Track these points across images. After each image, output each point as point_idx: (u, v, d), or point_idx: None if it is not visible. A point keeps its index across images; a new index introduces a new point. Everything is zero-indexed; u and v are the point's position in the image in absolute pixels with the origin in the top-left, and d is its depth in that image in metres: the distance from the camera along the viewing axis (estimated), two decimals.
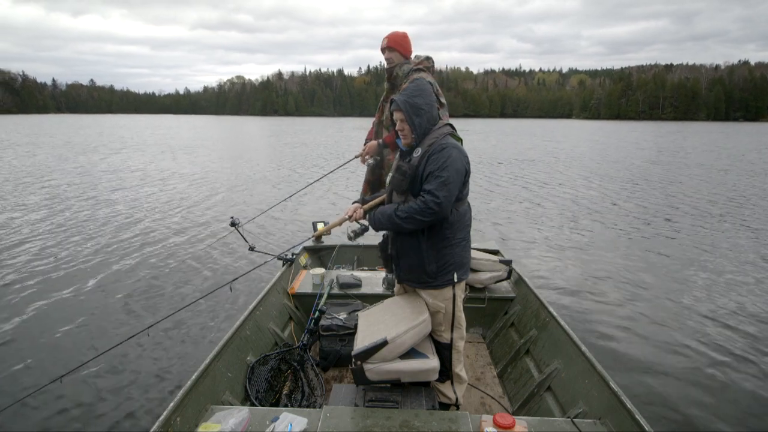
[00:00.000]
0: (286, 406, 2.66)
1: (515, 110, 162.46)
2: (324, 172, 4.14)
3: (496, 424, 1.93)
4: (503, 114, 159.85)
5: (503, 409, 2.75)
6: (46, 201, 10.38)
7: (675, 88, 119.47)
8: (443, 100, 3.14)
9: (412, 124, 2.17)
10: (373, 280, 3.85)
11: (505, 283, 3.75)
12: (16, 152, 21.80)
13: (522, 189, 12.37)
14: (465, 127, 57.80)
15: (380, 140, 3.41)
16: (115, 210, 9.54)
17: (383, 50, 3.33)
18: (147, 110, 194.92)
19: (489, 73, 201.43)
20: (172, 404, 2.00)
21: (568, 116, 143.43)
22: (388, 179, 2.36)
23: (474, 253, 3.48)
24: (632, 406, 1.98)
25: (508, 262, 3.72)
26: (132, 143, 28.72)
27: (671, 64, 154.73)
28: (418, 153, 2.18)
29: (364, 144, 3.61)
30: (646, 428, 1.87)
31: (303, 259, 4.33)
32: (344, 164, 4.26)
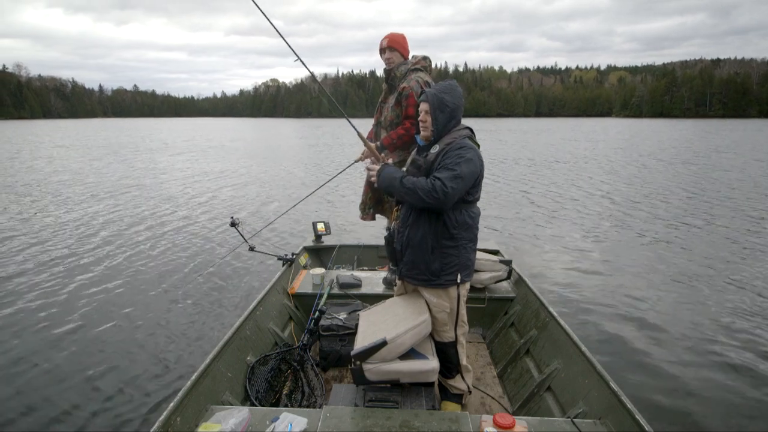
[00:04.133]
0: (286, 406, 2.66)
1: (551, 109, 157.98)
2: (338, 171, 4.23)
3: (496, 424, 1.93)
4: (538, 113, 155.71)
5: (503, 409, 2.75)
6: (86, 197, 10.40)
7: (724, 84, 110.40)
8: None
9: (435, 118, 2.20)
10: (373, 280, 3.85)
11: (505, 283, 3.75)
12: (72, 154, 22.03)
13: (523, 189, 12.37)
14: (486, 126, 57.50)
15: (378, 142, 3.41)
16: (120, 207, 9.56)
17: (383, 51, 3.33)
18: (186, 113, 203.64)
19: (523, 72, 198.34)
20: (172, 404, 2.00)
21: (608, 114, 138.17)
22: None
23: None
24: (632, 406, 1.98)
25: (508, 262, 3.72)
26: (179, 145, 29.91)
27: (718, 59, 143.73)
28: (435, 150, 2.20)
29: None
30: (646, 428, 1.87)
31: (303, 259, 4.33)
32: (345, 169, 4.26)
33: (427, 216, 2.23)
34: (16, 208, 9.64)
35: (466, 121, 2.33)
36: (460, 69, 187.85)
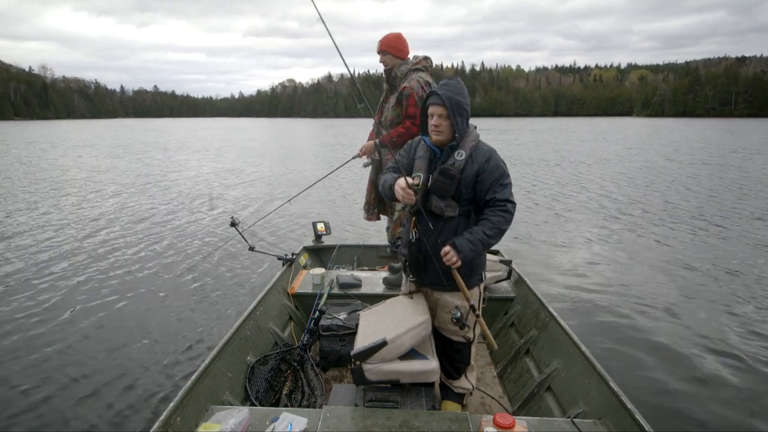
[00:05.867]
0: (286, 406, 2.66)
1: (570, 108, 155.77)
2: (334, 168, 4.32)
3: (496, 424, 1.93)
4: (557, 113, 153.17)
5: (503, 409, 2.74)
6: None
7: (750, 82, 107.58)
8: None
9: (456, 123, 2.10)
10: (373, 280, 3.85)
11: (505, 283, 3.75)
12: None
13: (524, 189, 12.36)
14: (498, 126, 56.93)
15: (376, 140, 3.42)
16: (117, 207, 9.57)
17: (378, 53, 3.37)
18: (205, 114, 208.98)
19: (541, 71, 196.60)
20: (172, 404, 2.00)
21: (629, 114, 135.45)
22: (419, 179, 2.19)
23: None
24: (632, 406, 1.98)
25: (508, 262, 3.73)
26: (194, 145, 30.55)
27: (744, 57, 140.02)
28: (461, 156, 2.11)
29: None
30: (646, 428, 1.87)
31: (303, 259, 4.33)
32: (342, 165, 4.28)
33: (456, 224, 2.17)
34: (24, 206, 9.65)
35: (482, 121, 2.30)
36: (477, 68, 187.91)
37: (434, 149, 2.21)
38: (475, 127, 2.25)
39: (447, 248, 2.09)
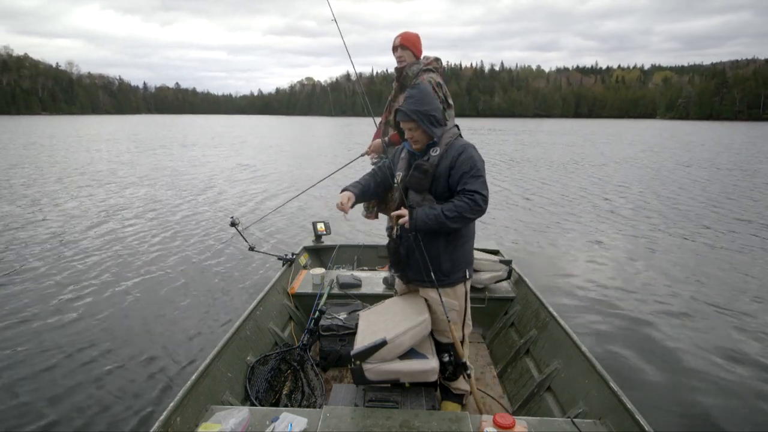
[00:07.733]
0: (286, 406, 2.66)
1: (591, 110, 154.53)
2: (339, 167, 4.31)
3: (496, 424, 1.93)
4: (577, 114, 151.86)
5: (503, 409, 2.75)
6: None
7: None
8: (451, 101, 3.18)
9: (429, 129, 2.20)
10: (373, 280, 3.85)
11: (505, 283, 3.75)
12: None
13: (523, 189, 12.37)
14: (507, 126, 56.31)
15: (385, 138, 3.41)
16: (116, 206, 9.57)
17: (395, 48, 3.33)
18: (224, 111, 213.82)
19: (562, 71, 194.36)
20: (172, 404, 2.00)
21: (651, 116, 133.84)
22: (398, 177, 2.36)
23: (474, 253, 3.48)
24: (632, 406, 1.98)
25: (508, 262, 3.73)
26: (210, 141, 31.03)
27: None
28: (437, 152, 2.22)
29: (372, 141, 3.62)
30: (646, 428, 1.87)
31: (303, 259, 4.33)
32: (348, 163, 4.26)
33: None
34: (29, 202, 9.65)
35: (500, 121, 2.33)
36: (496, 68, 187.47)
37: (417, 154, 2.33)
38: (456, 126, 2.34)
39: (404, 210, 2.21)
